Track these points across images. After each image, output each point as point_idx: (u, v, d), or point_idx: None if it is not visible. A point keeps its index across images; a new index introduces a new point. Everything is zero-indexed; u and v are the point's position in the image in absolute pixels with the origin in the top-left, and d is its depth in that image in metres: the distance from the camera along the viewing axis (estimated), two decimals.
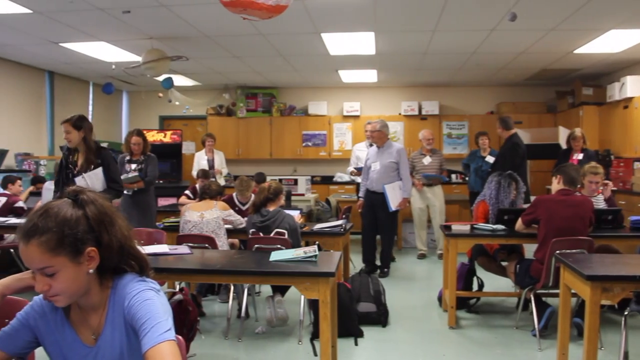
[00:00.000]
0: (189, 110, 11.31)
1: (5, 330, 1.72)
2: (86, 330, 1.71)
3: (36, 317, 1.72)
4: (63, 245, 1.54)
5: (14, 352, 1.72)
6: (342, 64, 8.97)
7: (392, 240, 7.20)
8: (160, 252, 4.06)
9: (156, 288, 1.67)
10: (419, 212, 8.30)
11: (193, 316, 4.11)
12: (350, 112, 11.16)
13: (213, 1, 5.07)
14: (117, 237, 1.65)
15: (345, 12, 5.97)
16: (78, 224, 1.58)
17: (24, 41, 7.31)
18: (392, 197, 6.82)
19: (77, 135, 4.84)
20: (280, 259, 3.76)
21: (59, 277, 1.56)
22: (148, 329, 1.51)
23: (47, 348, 1.74)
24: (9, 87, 8.66)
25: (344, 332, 4.47)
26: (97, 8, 5.77)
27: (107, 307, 1.67)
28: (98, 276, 1.65)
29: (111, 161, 5.04)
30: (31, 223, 1.55)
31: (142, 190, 6.37)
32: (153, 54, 7.12)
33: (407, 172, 6.97)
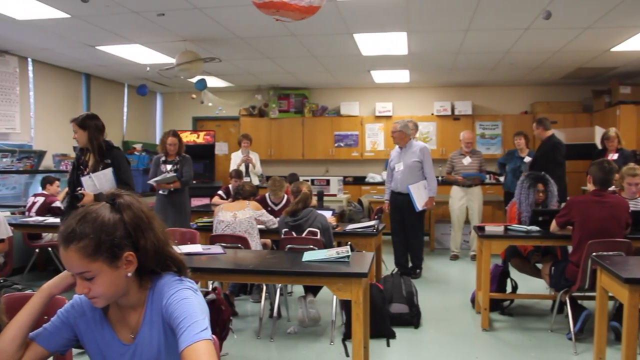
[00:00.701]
0: (222, 112, 11.40)
1: (46, 327, 1.76)
2: (124, 328, 1.73)
3: (76, 315, 1.76)
4: (100, 251, 1.57)
5: (54, 349, 1.76)
6: (374, 65, 8.94)
7: (421, 241, 7.08)
8: (193, 252, 4.11)
9: (194, 287, 1.69)
10: (458, 212, 8.22)
11: (226, 315, 4.13)
12: (383, 113, 11.12)
13: (246, 3, 5.11)
14: (154, 241, 1.67)
15: (377, 13, 5.95)
16: (115, 230, 1.60)
17: (62, 45, 7.46)
18: (417, 197, 6.73)
19: (83, 135, 4.66)
20: (313, 259, 3.76)
21: (98, 281, 1.59)
22: (185, 328, 1.53)
23: (86, 346, 1.77)
24: (48, 89, 8.84)
25: (376, 333, 4.46)
26: (132, 11, 5.86)
27: (145, 307, 1.70)
28: (137, 277, 1.68)
29: (122, 161, 4.78)
30: (70, 228, 1.58)
31: (177, 191, 6.45)
32: (187, 56, 7.19)
33: (432, 170, 6.86)
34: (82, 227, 1.57)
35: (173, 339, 1.60)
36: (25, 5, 5.58)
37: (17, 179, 8.37)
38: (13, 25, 6.30)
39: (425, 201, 6.79)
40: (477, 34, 6.80)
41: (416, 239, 6.99)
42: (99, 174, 4.61)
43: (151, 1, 5.57)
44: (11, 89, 7.89)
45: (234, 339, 4.65)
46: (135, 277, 1.67)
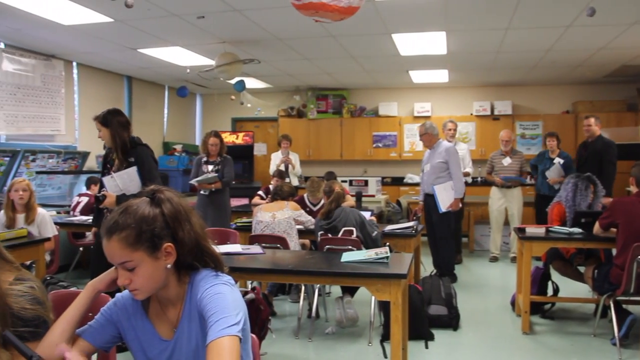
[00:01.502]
0: (261, 112, 11.49)
1: (91, 324, 1.81)
2: (164, 324, 1.77)
3: (119, 313, 1.80)
4: (141, 241, 1.63)
5: (100, 345, 1.81)
6: (412, 65, 8.89)
7: (448, 243, 6.79)
8: (233, 252, 4.16)
9: (231, 282, 1.72)
10: (496, 214, 8.11)
11: (264, 315, 4.17)
12: (421, 113, 11.05)
13: (285, 4, 5.14)
14: (192, 234, 1.72)
15: (416, 12, 5.92)
16: (155, 221, 1.66)
17: (105, 48, 7.63)
18: (442, 198, 6.59)
19: (106, 132, 4.42)
20: (352, 260, 3.77)
21: (139, 272, 1.64)
22: (213, 322, 1.55)
23: (129, 343, 1.82)
24: (92, 92, 9.04)
25: (414, 335, 4.43)
26: (173, 14, 5.95)
27: (184, 302, 1.74)
28: (176, 272, 1.72)
29: (146, 159, 4.48)
30: (113, 220, 1.65)
31: (218, 191, 6.51)
32: (226, 58, 7.27)
33: (458, 171, 6.66)
34: (124, 218, 1.64)
35: None
36: (71, 11, 5.72)
37: (62, 179, 8.59)
38: (59, 30, 6.47)
39: (451, 202, 6.60)
40: (518, 32, 6.70)
41: (442, 241, 6.76)
42: (122, 173, 4.36)
43: (191, 4, 5.65)
44: (57, 91, 8.09)
45: (272, 339, 4.68)
46: (174, 270, 1.72)
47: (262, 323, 4.13)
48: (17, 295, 1.85)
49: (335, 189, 5.33)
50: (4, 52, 7.24)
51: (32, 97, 7.64)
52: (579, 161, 7.46)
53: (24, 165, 7.67)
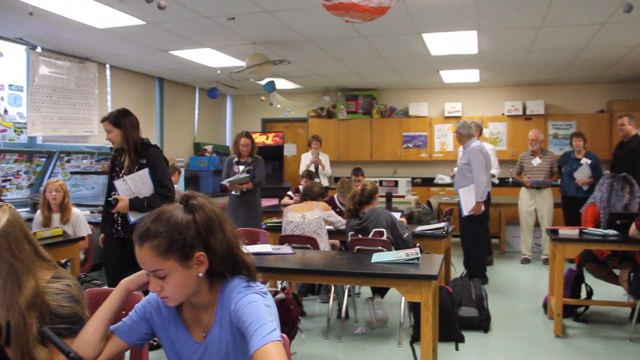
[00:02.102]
0: (291, 113, 11.53)
1: (125, 321, 1.84)
2: (196, 327, 1.79)
3: (152, 311, 1.83)
4: (172, 250, 1.62)
5: (132, 342, 1.84)
6: (443, 64, 8.83)
7: (477, 245, 6.68)
8: (263, 252, 4.18)
9: (262, 291, 1.71)
10: (526, 215, 8.01)
11: (294, 315, 4.19)
12: (452, 113, 10.97)
13: (315, 5, 5.14)
14: (224, 243, 1.70)
15: (446, 12, 5.88)
16: (187, 229, 1.64)
17: (137, 50, 7.73)
18: (465, 201, 6.52)
19: (118, 133, 4.30)
20: (382, 261, 3.76)
21: (170, 280, 1.64)
22: (253, 330, 1.56)
23: (161, 341, 1.84)
24: (124, 93, 9.17)
25: (444, 336, 4.40)
26: (204, 16, 6.01)
27: (216, 307, 1.74)
28: (207, 279, 1.71)
29: (158, 161, 4.39)
30: (145, 227, 1.64)
31: (249, 191, 6.55)
32: (256, 59, 7.30)
33: (479, 174, 6.48)
34: (156, 225, 1.63)
35: (241, 341, 1.64)
36: (105, 14, 5.81)
37: (95, 180, 8.73)
38: (93, 33, 6.58)
39: (473, 206, 6.49)
40: (551, 30, 6.60)
41: (467, 244, 6.68)
42: (134, 176, 4.28)
43: (222, 6, 5.69)
44: (90, 93, 8.22)
45: (302, 339, 4.70)
46: (206, 278, 1.71)
47: (292, 323, 4.15)
48: (54, 293, 1.90)
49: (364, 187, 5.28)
50: (41, 55, 7.39)
51: (67, 99, 7.78)
52: (613, 161, 7.32)
53: (59, 166, 7.83)
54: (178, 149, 10.60)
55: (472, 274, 6.30)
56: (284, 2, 5.53)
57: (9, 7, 5.49)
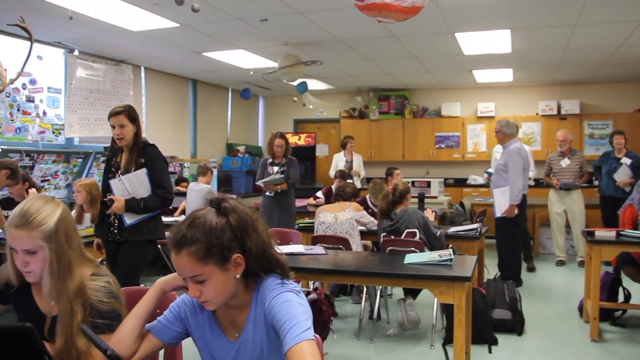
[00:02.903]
0: (323, 114, 11.55)
1: (160, 320, 1.87)
2: (230, 326, 1.80)
3: (187, 310, 1.85)
4: (211, 254, 1.62)
5: (167, 341, 1.87)
6: (476, 64, 8.76)
7: (511, 247, 6.56)
8: (295, 252, 4.20)
9: (296, 290, 1.72)
10: (556, 216, 7.88)
11: (326, 316, 4.20)
12: (485, 113, 10.87)
13: (347, 6, 5.15)
14: (259, 243, 1.71)
15: (480, 11, 5.83)
16: (223, 233, 1.65)
17: (171, 52, 7.84)
18: (499, 202, 6.40)
19: (132, 129, 4.03)
20: (415, 262, 3.75)
21: (209, 284, 1.65)
22: (288, 329, 1.56)
23: (195, 340, 1.86)
24: (158, 95, 9.30)
25: (477, 339, 4.36)
26: (237, 18, 6.06)
27: (250, 307, 1.75)
28: (243, 279, 1.73)
29: (157, 161, 4.13)
30: (180, 234, 1.64)
31: (283, 192, 6.53)
32: (289, 60, 7.34)
33: (514, 176, 6.34)
34: (192, 231, 1.63)
35: (276, 339, 1.65)
36: (140, 17, 5.92)
37: None
38: (129, 36, 6.70)
39: (506, 208, 6.37)
40: (587, 28, 6.49)
41: (501, 246, 6.57)
42: (130, 175, 4.03)
43: (255, 8, 5.74)
44: (126, 95, 8.36)
45: (333, 339, 4.71)
46: (242, 279, 1.72)
47: (324, 323, 4.16)
48: (95, 289, 1.96)
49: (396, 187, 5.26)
50: (78, 58, 7.55)
51: (103, 100, 7.93)
52: None
53: (95, 166, 7.97)
54: (211, 150, 10.72)
55: (506, 275, 6.22)
56: (316, 3, 5.56)
57: (50, 12, 5.64)
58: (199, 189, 7.14)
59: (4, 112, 6.74)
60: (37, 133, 7.20)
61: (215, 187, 8.94)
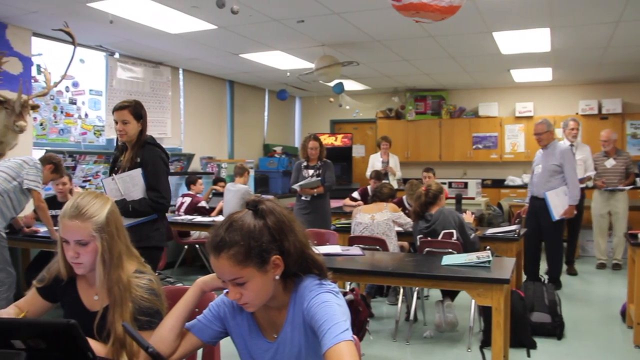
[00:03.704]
0: (359, 114, 11.54)
1: (200, 319, 1.89)
2: (269, 327, 1.82)
3: (226, 310, 1.87)
4: (250, 257, 1.63)
5: (207, 340, 1.89)
6: (514, 63, 8.65)
7: (558, 251, 6.46)
8: (332, 253, 4.20)
9: (335, 290, 1.72)
10: (599, 218, 7.71)
11: (363, 316, 4.20)
12: (523, 113, 10.71)
13: (384, 6, 5.15)
14: (297, 244, 1.72)
15: (518, 9, 5.75)
16: (262, 235, 1.65)
17: (209, 54, 7.93)
18: (555, 205, 6.20)
19: (136, 126, 3.81)
20: (453, 264, 3.72)
21: (249, 286, 1.66)
22: (326, 329, 1.57)
23: (234, 340, 1.89)
24: (196, 97, 9.41)
25: (516, 342, 4.30)
26: (274, 19, 6.10)
27: (288, 308, 1.76)
28: (281, 280, 1.73)
29: (153, 161, 3.82)
30: (219, 237, 1.65)
31: (319, 196, 6.41)
32: (325, 61, 7.36)
33: (574, 176, 6.23)
34: (231, 235, 1.64)
35: (314, 340, 1.66)
36: (178, 20, 6.01)
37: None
38: (167, 39, 6.80)
39: (565, 210, 6.22)
40: (630, 25, 6.33)
41: (552, 249, 6.44)
42: (124, 175, 3.78)
43: (291, 9, 5.77)
44: (164, 97, 8.50)
45: (370, 340, 4.69)
46: (280, 280, 1.73)
47: (360, 324, 4.16)
48: (137, 286, 2.01)
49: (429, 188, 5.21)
50: (118, 61, 7.70)
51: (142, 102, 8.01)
52: None
53: None
54: (248, 151, 10.81)
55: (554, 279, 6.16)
56: (353, 4, 5.56)
57: (92, 16, 5.77)
58: (236, 189, 7.22)
59: (49, 114, 6.91)
60: (79, 134, 7.37)
61: (252, 187, 9.01)
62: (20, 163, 4.89)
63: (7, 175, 4.79)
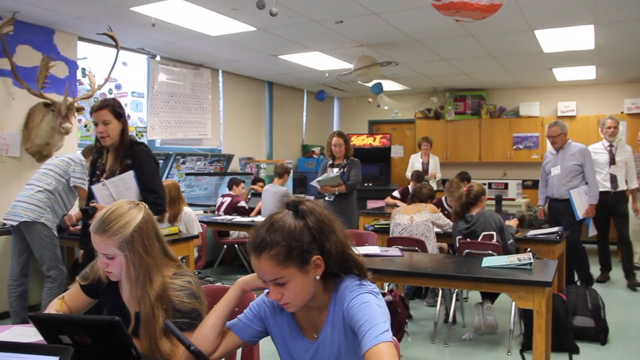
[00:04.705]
0: (398, 115, 11.49)
1: (240, 318, 1.92)
2: (309, 327, 1.83)
3: (267, 310, 1.89)
4: (292, 257, 1.64)
5: (247, 339, 1.91)
6: (556, 62, 8.48)
7: (581, 250, 6.27)
8: (371, 254, 4.20)
9: (375, 291, 1.72)
10: (637, 221, 7.50)
11: (402, 318, 4.19)
12: (565, 113, 10.49)
13: (423, 5, 5.11)
14: (337, 244, 1.72)
15: (561, 6, 5.63)
16: (302, 235, 1.66)
17: (248, 56, 7.99)
18: (578, 204, 6.10)
19: (117, 126, 3.61)
20: (493, 265, 3.68)
21: (290, 286, 1.67)
22: (366, 330, 1.57)
23: (274, 339, 1.90)
24: (235, 98, 9.50)
25: (557, 347, 4.23)
26: (312, 20, 6.12)
27: (328, 308, 1.77)
28: (322, 280, 1.74)
29: (146, 161, 3.67)
30: (260, 238, 1.66)
31: (343, 196, 6.02)
32: (364, 61, 7.34)
33: (593, 175, 6.17)
34: (272, 235, 1.65)
35: (354, 340, 1.66)
36: (218, 23, 6.07)
37: (208, 181, 9.13)
38: (208, 41, 6.89)
39: (586, 209, 6.13)
40: None
41: (575, 250, 6.23)
42: (116, 179, 3.57)
43: (330, 10, 5.78)
44: (204, 98, 8.60)
45: (408, 342, 4.68)
46: (321, 280, 1.74)
47: (399, 326, 4.15)
48: (176, 289, 2.04)
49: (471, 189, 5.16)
50: (160, 63, 7.83)
51: (183, 104, 8.19)
52: None
53: (175, 167, 8.25)
54: (286, 151, 10.86)
55: (586, 280, 6.05)
56: (392, 4, 5.53)
57: (134, 20, 5.88)
58: (275, 190, 7.25)
59: None
60: None
61: (291, 188, 9.05)
62: (67, 161, 5.04)
63: (56, 173, 4.95)
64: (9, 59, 5.59)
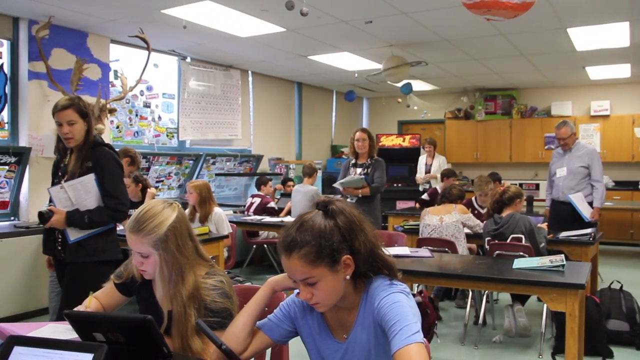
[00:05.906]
0: (427, 115, 11.42)
1: (271, 318, 1.93)
2: (339, 327, 1.83)
3: (297, 310, 1.89)
4: (322, 257, 1.64)
5: (277, 339, 1.92)
6: (589, 60, 8.35)
7: None
8: (401, 254, 4.18)
9: (406, 291, 1.71)
10: None
11: (431, 319, 4.16)
12: (599, 112, 10.32)
13: (454, 5, 5.08)
14: (367, 244, 1.72)
15: (595, 3, 5.54)
16: (332, 235, 1.66)
17: (278, 57, 8.03)
18: (582, 207, 5.94)
19: (82, 126, 3.33)
20: (524, 267, 3.64)
21: (320, 286, 1.67)
22: (397, 330, 1.56)
23: (304, 339, 1.91)
24: (265, 98, 9.55)
25: (590, 350, 4.15)
26: (342, 21, 6.12)
27: (358, 308, 1.77)
28: (352, 280, 1.74)
29: (107, 164, 3.37)
30: (290, 237, 1.67)
31: (366, 198, 5.61)
32: (393, 61, 7.32)
33: (601, 177, 6.02)
34: (302, 235, 1.65)
35: (384, 340, 1.65)
36: (248, 24, 6.12)
37: (238, 181, 9.19)
38: (237, 42, 6.94)
39: (591, 212, 5.97)
40: None
41: None
42: (75, 182, 3.31)
43: (359, 10, 5.77)
44: (234, 99, 8.66)
45: (437, 343, 4.65)
46: (351, 280, 1.73)
47: (428, 327, 4.13)
48: (208, 288, 2.06)
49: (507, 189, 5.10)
50: (190, 65, 7.91)
51: (213, 105, 8.27)
52: None
53: (205, 168, 8.33)
54: (316, 152, 10.88)
55: None
56: (422, 3, 5.51)
57: (166, 22, 5.97)
58: (305, 190, 7.25)
59: (124, 117, 7.18)
60: (152, 136, 7.62)
61: (319, 188, 9.06)
62: None
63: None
64: (45, 62, 5.71)
